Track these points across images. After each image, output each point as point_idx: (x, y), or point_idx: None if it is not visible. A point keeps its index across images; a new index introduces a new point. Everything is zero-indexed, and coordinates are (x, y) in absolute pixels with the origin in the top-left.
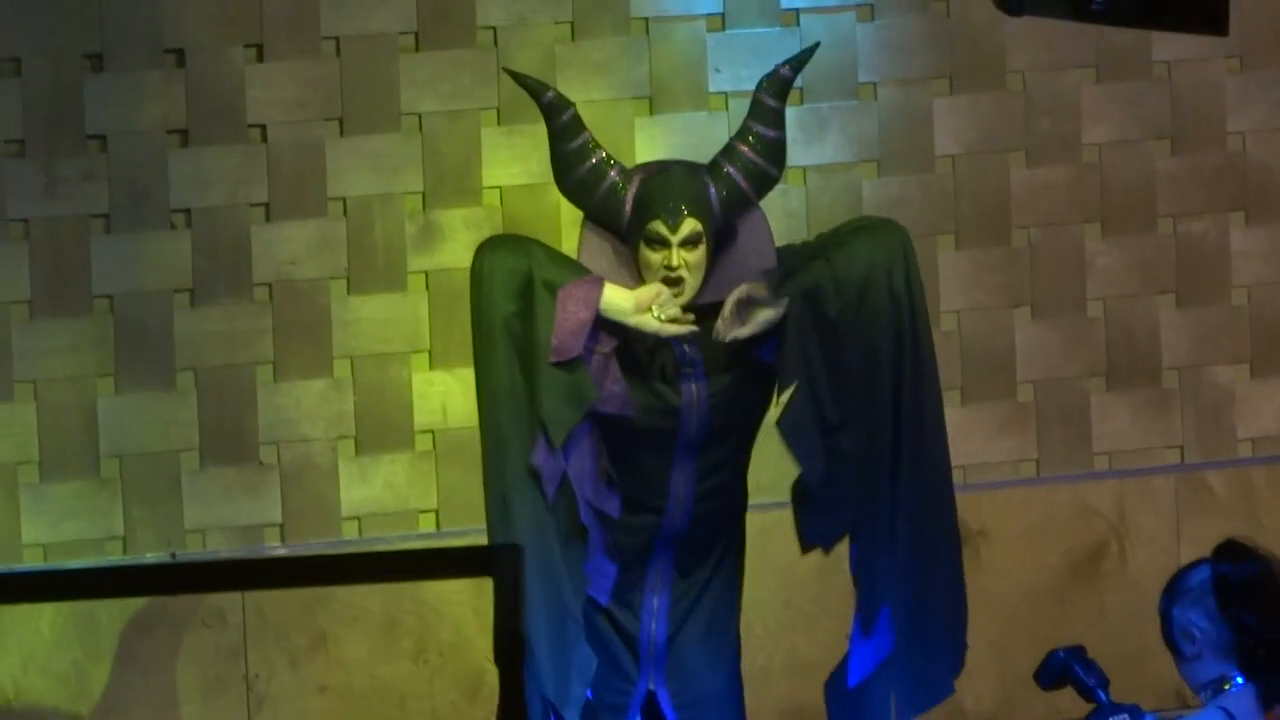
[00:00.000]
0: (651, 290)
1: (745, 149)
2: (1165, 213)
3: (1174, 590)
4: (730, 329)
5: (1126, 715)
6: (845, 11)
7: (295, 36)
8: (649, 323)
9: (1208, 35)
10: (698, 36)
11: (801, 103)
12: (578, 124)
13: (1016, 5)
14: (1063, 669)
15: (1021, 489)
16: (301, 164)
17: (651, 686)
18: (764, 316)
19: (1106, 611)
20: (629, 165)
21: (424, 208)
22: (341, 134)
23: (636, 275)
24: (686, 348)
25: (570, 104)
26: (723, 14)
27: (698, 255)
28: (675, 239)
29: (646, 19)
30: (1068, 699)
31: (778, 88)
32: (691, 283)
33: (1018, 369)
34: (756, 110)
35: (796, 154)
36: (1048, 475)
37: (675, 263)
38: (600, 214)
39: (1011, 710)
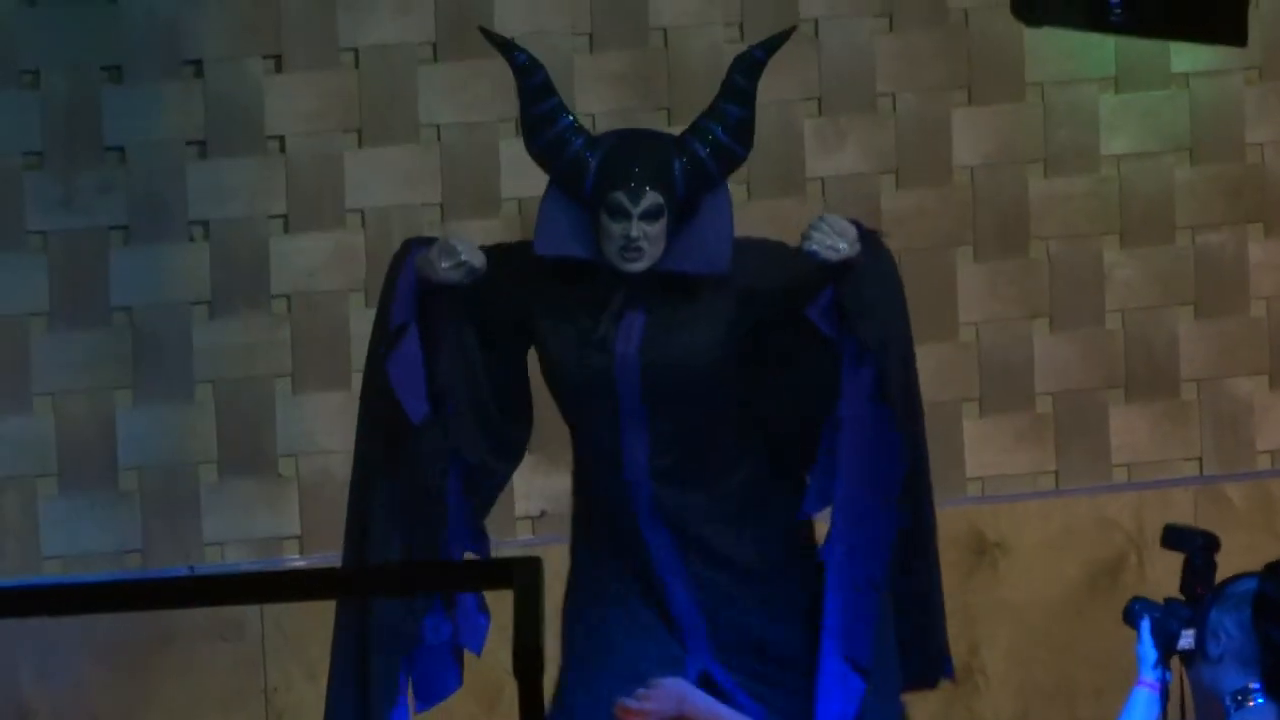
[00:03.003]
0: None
1: (714, 126)
2: (1184, 224)
3: (1220, 592)
4: (829, 247)
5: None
6: (862, 20)
7: (313, 48)
8: (441, 275)
9: (1227, 46)
10: (716, 48)
11: (819, 113)
12: (548, 87)
13: (1035, 16)
14: (1134, 621)
15: (1040, 501)
16: (320, 175)
17: (703, 667)
18: (847, 247)
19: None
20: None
21: (442, 219)
22: (360, 145)
23: (595, 242)
24: (630, 311)
25: (541, 67)
26: (740, 24)
27: (657, 228)
28: (636, 210)
29: (665, 30)
30: (1086, 709)
31: (749, 68)
32: (651, 253)
33: (1036, 380)
34: (727, 89)
35: (814, 164)
36: (1066, 487)
37: (635, 234)
38: (564, 180)
39: None
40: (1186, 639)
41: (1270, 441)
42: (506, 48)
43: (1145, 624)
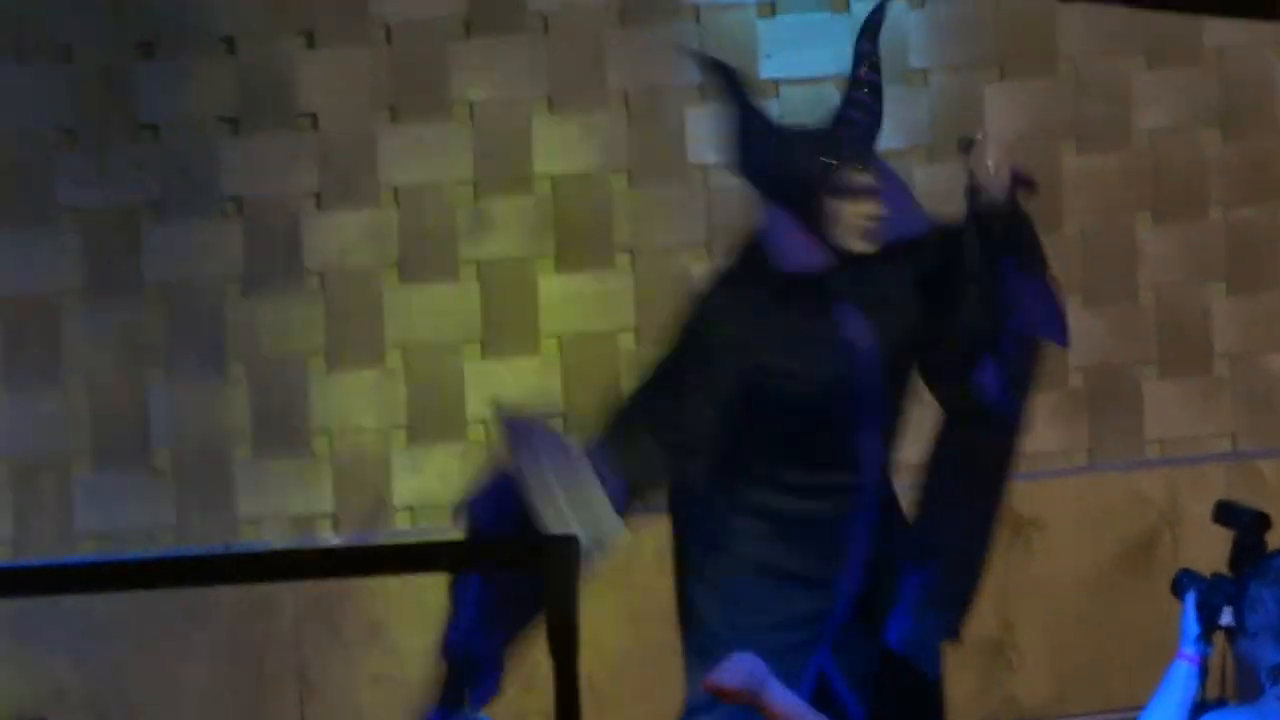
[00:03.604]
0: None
1: (867, 98)
2: (1216, 199)
3: (1263, 566)
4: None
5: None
6: None
7: (346, 23)
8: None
9: (1259, 20)
10: (748, 23)
11: None
12: (758, 99)
13: None
14: (1181, 593)
15: (1073, 477)
16: (353, 152)
17: (820, 659)
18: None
19: (1159, 600)
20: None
21: (475, 196)
22: (393, 121)
23: (817, 243)
24: (839, 304)
25: (751, 84)
26: (773, 0)
27: None
28: (872, 186)
29: (697, 6)
30: (1122, 689)
31: (873, 32)
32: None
33: (1069, 357)
34: (863, 58)
35: None
36: (1099, 463)
37: (878, 210)
38: (784, 184)
39: (1064, 700)
40: (1227, 615)
41: None
42: (718, 64)
43: (1190, 597)
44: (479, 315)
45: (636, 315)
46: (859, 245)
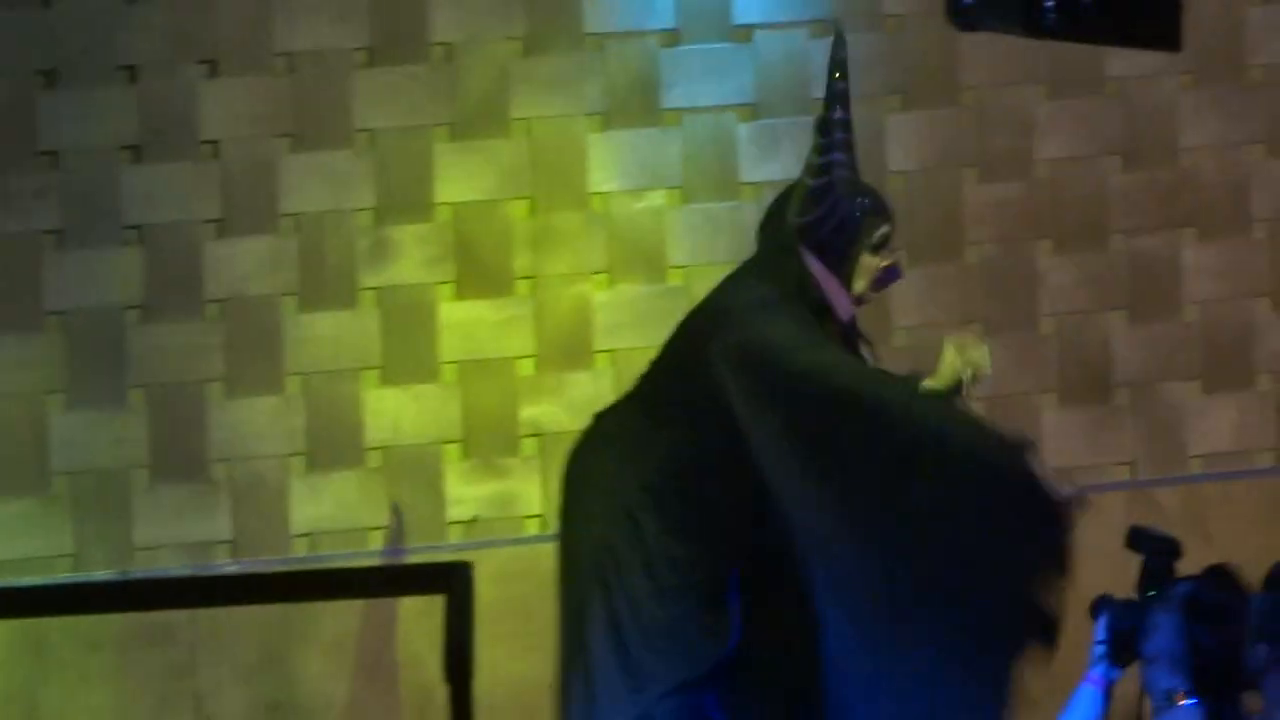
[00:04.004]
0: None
1: (847, 137)
2: (1117, 229)
3: (1165, 592)
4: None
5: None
6: (798, 28)
7: (248, 53)
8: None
9: (1161, 51)
10: (650, 53)
11: (754, 119)
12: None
13: (970, 22)
14: (1094, 615)
15: None
16: (254, 180)
17: None
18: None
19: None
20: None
21: (376, 224)
22: (294, 150)
23: (846, 293)
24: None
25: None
26: (676, 30)
27: None
28: (890, 236)
29: (599, 35)
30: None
31: (843, 69)
32: None
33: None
34: (835, 101)
35: (750, 170)
36: None
37: (889, 260)
38: (833, 235)
39: None
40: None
41: (1202, 446)
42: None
43: (1101, 621)
44: (378, 342)
45: (536, 342)
46: (869, 293)
